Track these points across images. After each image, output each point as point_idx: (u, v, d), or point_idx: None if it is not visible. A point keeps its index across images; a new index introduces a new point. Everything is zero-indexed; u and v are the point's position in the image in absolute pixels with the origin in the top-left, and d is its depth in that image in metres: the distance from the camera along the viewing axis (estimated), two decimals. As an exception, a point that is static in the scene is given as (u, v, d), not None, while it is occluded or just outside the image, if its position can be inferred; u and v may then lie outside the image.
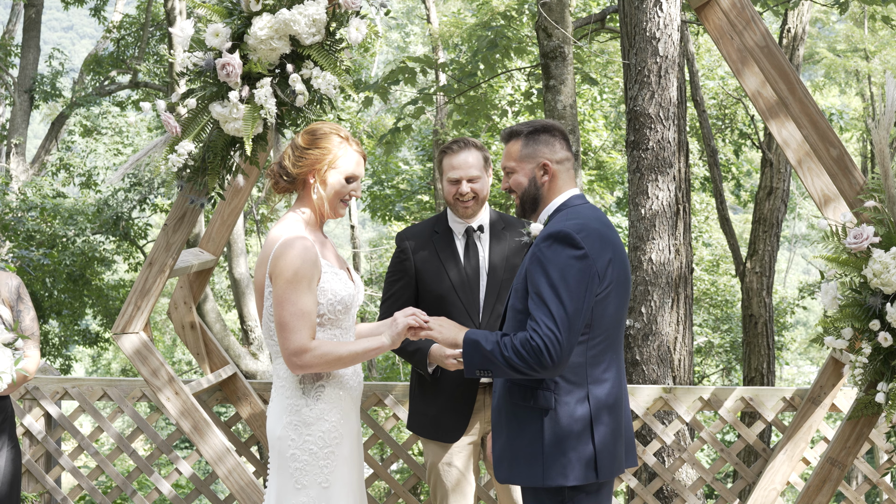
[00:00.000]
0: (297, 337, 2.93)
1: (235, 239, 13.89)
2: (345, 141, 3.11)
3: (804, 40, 10.57)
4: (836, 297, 3.34)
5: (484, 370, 2.90)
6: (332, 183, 3.09)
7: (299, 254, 2.95)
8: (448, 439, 3.73)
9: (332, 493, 3.03)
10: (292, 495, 3.00)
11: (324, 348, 2.97)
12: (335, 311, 3.05)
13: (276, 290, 2.95)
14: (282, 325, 2.95)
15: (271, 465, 3.08)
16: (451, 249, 3.75)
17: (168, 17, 14.30)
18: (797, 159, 3.56)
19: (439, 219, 3.85)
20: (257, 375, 13.40)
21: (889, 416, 3.28)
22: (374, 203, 16.45)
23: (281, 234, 3.02)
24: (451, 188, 3.72)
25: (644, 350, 6.06)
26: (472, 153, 3.71)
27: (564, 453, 2.87)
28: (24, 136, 16.22)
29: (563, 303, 2.79)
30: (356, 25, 3.45)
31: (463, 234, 3.78)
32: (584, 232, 2.87)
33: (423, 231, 3.83)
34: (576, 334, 2.81)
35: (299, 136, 3.12)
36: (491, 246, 3.77)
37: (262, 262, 3.04)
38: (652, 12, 6.08)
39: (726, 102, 14.32)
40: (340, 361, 3.00)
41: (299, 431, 3.01)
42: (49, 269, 15.02)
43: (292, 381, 3.04)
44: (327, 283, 3.03)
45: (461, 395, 3.67)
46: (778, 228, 10.81)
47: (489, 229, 3.80)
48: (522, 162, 3.06)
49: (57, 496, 4.63)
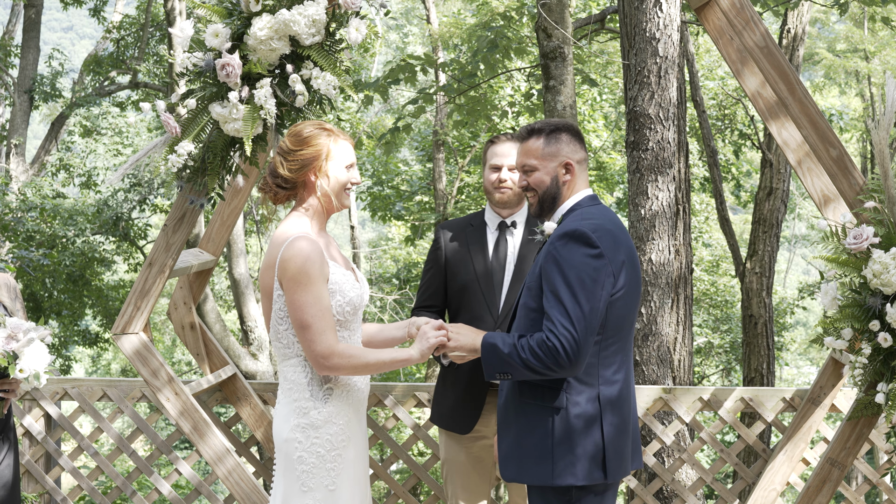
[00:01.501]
0: (324, 338, 2.93)
1: (235, 239, 13.89)
2: (331, 133, 3.12)
3: (804, 41, 10.57)
4: (835, 298, 3.34)
5: (503, 373, 2.90)
6: (334, 174, 3.11)
7: (309, 254, 2.95)
8: (460, 430, 3.75)
9: (339, 496, 3.02)
10: (298, 498, 2.99)
11: (352, 352, 2.97)
12: (344, 312, 3.05)
13: (291, 293, 2.95)
14: (305, 327, 2.94)
15: (277, 468, 3.07)
16: (481, 242, 3.80)
17: (168, 17, 14.30)
18: (797, 160, 3.56)
19: (477, 214, 3.91)
20: (257, 376, 13.40)
21: (889, 417, 3.28)
22: (373, 203, 16.45)
23: (287, 236, 3.01)
24: (492, 175, 3.77)
25: (644, 350, 6.06)
26: (516, 144, 3.74)
27: (574, 452, 2.87)
28: (23, 137, 16.22)
29: (579, 301, 2.80)
30: (356, 26, 3.45)
31: (496, 227, 3.81)
32: (599, 232, 2.87)
33: (459, 223, 3.90)
34: (592, 333, 2.81)
35: (286, 141, 3.12)
36: (522, 242, 3.79)
37: (270, 265, 3.03)
38: (652, 13, 6.08)
39: (726, 103, 14.32)
40: (367, 368, 3.00)
41: (307, 434, 3.00)
42: (49, 270, 15.02)
43: (300, 383, 3.03)
44: (336, 285, 3.03)
45: (475, 386, 3.69)
46: (778, 229, 10.81)
47: (524, 225, 3.82)
48: (545, 160, 3.04)
49: (57, 496, 4.63)
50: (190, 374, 20.95)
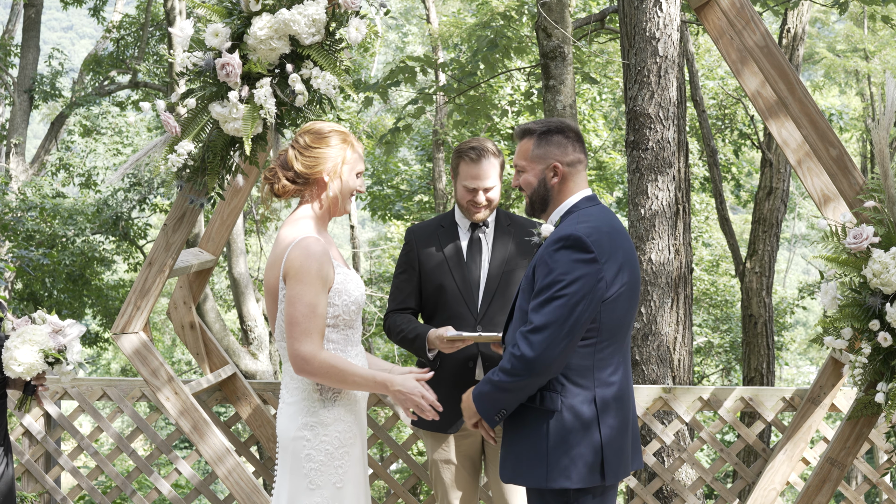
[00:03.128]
0: (308, 340, 2.93)
1: (235, 239, 13.88)
2: (348, 137, 3.14)
3: (804, 40, 10.57)
4: (835, 297, 3.34)
5: (498, 411, 2.91)
6: (346, 179, 3.12)
7: (313, 254, 2.95)
8: (446, 429, 3.74)
9: (346, 493, 3.03)
10: (306, 496, 2.99)
11: (333, 361, 2.96)
12: (349, 311, 3.06)
13: (290, 288, 2.95)
14: (293, 323, 2.94)
15: (281, 466, 3.06)
16: (454, 243, 3.81)
17: (168, 17, 14.30)
18: (797, 159, 3.56)
19: (446, 215, 3.91)
20: (257, 375, 13.39)
21: (889, 416, 3.28)
22: (373, 203, 16.46)
23: (293, 235, 3.01)
24: (467, 195, 3.76)
25: (644, 350, 6.06)
26: (491, 162, 3.74)
27: (569, 455, 2.86)
28: (23, 136, 16.22)
29: (561, 305, 2.80)
30: (356, 25, 3.45)
31: (468, 228, 3.83)
32: (595, 236, 2.86)
33: (429, 226, 3.90)
34: (572, 336, 2.81)
35: (303, 136, 3.10)
36: (495, 241, 3.81)
37: (275, 264, 3.03)
38: (652, 12, 6.08)
39: (726, 102, 14.32)
40: (344, 381, 2.98)
41: (315, 432, 3.00)
42: (48, 269, 15.01)
43: (308, 382, 3.02)
44: (341, 285, 3.03)
45: (459, 385, 3.68)
46: (778, 228, 10.81)
47: (494, 226, 3.85)
48: (533, 162, 3.05)
49: (56, 496, 4.63)
50: (190, 373, 20.94)
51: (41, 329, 3.53)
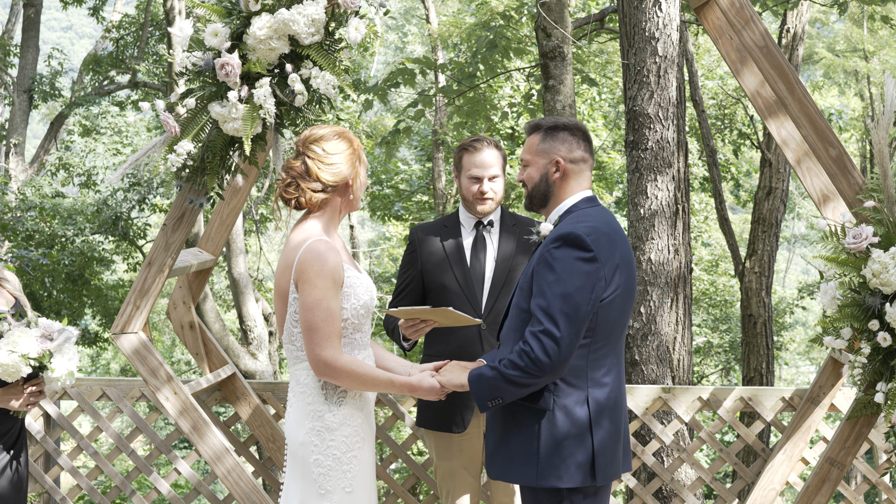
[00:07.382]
0: (328, 345, 2.93)
1: (234, 238, 13.88)
2: (347, 133, 3.15)
3: (803, 40, 10.58)
4: (835, 297, 3.34)
5: (493, 399, 2.89)
6: (362, 178, 3.15)
7: (326, 258, 2.95)
8: (455, 429, 3.75)
9: (356, 498, 3.02)
10: (316, 501, 2.99)
11: (353, 366, 2.97)
12: (359, 315, 3.06)
13: (305, 294, 2.94)
14: (313, 329, 2.94)
15: (289, 472, 3.05)
16: (457, 243, 3.81)
17: (167, 16, 14.29)
18: (796, 159, 3.57)
19: (450, 216, 3.92)
20: (256, 375, 13.39)
21: (888, 416, 3.28)
22: (373, 203, 16.46)
23: (305, 238, 3.01)
24: (472, 186, 3.76)
25: (643, 350, 6.05)
26: (493, 152, 3.76)
27: (560, 455, 2.86)
28: (23, 136, 16.22)
29: (566, 304, 2.79)
30: (355, 25, 3.45)
31: (472, 227, 3.83)
32: (594, 235, 2.86)
33: (434, 225, 3.91)
34: (576, 336, 2.81)
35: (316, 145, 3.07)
36: (500, 241, 3.81)
37: (286, 268, 3.02)
38: (651, 12, 6.08)
39: (725, 102, 14.33)
40: (364, 384, 3.00)
41: (322, 437, 3.00)
42: (48, 269, 15.01)
43: (314, 386, 3.02)
44: (350, 288, 3.03)
45: None
46: (777, 228, 10.81)
47: (499, 225, 3.85)
48: (537, 156, 3.06)
49: (56, 496, 4.63)
50: (189, 373, 20.94)
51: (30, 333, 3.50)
